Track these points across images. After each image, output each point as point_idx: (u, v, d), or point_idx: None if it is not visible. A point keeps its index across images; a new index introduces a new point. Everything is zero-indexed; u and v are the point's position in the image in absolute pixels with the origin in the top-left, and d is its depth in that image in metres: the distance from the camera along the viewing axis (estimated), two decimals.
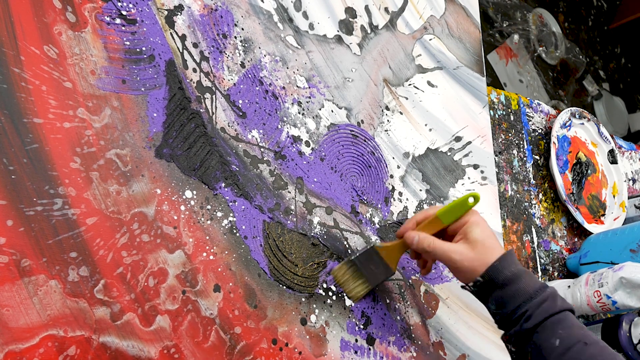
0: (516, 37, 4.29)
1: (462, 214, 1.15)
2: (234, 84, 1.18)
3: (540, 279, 1.15)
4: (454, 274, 1.15)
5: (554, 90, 4.63)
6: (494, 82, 4.06)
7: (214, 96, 1.14)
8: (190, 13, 1.15)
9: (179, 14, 1.14)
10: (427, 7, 1.66)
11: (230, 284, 1.07)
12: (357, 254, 1.18)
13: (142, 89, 1.05)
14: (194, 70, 1.13)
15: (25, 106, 0.90)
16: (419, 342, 1.34)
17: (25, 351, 0.83)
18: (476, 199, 1.12)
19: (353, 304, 1.22)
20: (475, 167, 1.62)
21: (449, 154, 1.57)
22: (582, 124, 2.07)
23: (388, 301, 1.31)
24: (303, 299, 1.17)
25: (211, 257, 1.06)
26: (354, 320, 1.23)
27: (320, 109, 1.31)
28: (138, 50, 1.06)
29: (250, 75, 1.21)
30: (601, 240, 1.79)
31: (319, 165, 1.27)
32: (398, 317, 1.31)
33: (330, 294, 1.22)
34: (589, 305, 1.54)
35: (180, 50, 1.12)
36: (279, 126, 1.23)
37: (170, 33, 1.11)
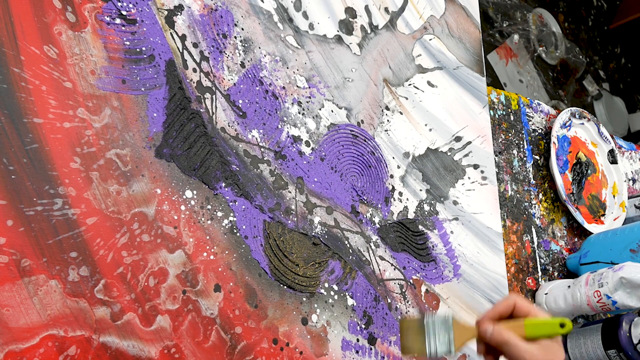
0: (516, 37, 4.29)
1: (547, 336, 1.07)
2: (234, 83, 1.18)
3: (540, 280, 1.11)
4: None
5: (554, 90, 4.62)
6: (494, 82, 4.06)
7: (214, 96, 1.14)
8: (190, 13, 1.15)
9: (179, 14, 1.14)
10: (427, 7, 1.66)
11: (231, 284, 1.07)
12: (434, 315, 1.16)
13: (142, 89, 1.05)
14: (194, 70, 1.13)
15: (25, 106, 0.90)
16: None
17: (25, 351, 0.83)
18: (567, 326, 1.10)
19: (401, 356, 1.22)
20: (476, 167, 1.62)
21: (449, 154, 1.57)
22: (582, 124, 2.07)
23: (389, 301, 1.31)
24: (304, 299, 1.17)
25: (212, 257, 1.06)
26: (355, 320, 1.23)
27: (320, 109, 1.31)
28: (138, 50, 1.06)
29: (250, 75, 1.21)
30: (601, 240, 1.79)
31: (319, 165, 1.27)
32: (399, 317, 1.31)
33: (332, 293, 1.22)
34: (589, 305, 1.54)
35: (180, 50, 1.12)
36: (279, 126, 1.23)
37: (170, 33, 1.11)
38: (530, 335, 1.05)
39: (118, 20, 1.05)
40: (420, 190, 1.46)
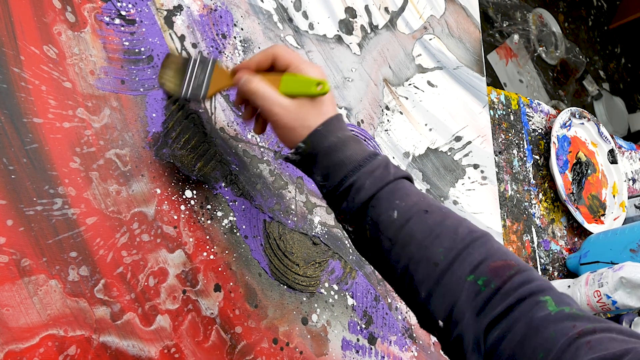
0: (516, 37, 4.29)
1: (304, 95, 0.96)
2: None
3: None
4: (278, 138, 0.99)
5: (554, 90, 4.63)
6: (494, 82, 4.06)
7: (213, 96, 1.14)
8: (190, 13, 1.15)
9: (178, 14, 1.14)
10: (427, 7, 1.66)
11: (231, 284, 1.07)
12: (199, 55, 1.08)
13: (141, 89, 1.05)
14: None
15: (25, 106, 0.90)
16: (420, 342, 1.34)
17: (25, 351, 0.83)
18: (324, 88, 0.99)
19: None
20: (475, 166, 1.62)
21: (449, 153, 1.57)
22: (582, 123, 2.08)
23: (389, 301, 1.31)
24: (304, 299, 1.17)
25: (211, 257, 1.06)
26: (355, 319, 1.23)
27: None
28: (137, 50, 1.06)
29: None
30: (601, 240, 1.79)
31: None
32: (399, 317, 1.31)
33: (332, 293, 1.22)
34: (589, 305, 1.54)
35: (179, 51, 1.12)
36: None
37: (170, 33, 1.11)
38: (285, 90, 0.96)
39: (117, 21, 1.05)
40: (420, 190, 1.46)
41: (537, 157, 1.91)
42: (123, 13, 1.06)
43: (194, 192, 1.07)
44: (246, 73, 0.98)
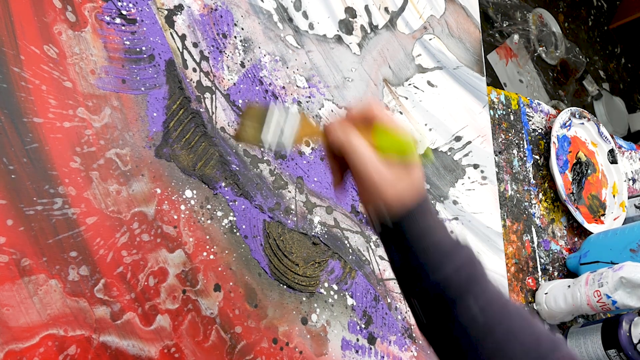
0: (516, 37, 4.29)
1: (398, 152, 0.87)
2: (234, 83, 1.18)
3: (540, 279, 0.98)
4: (359, 196, 0.92)
5: (554, 90, 4.63)
6: (494, 82, 4.06)
7: (213, 96, 1.14)
8: (190, 13, 1.15)
9: (179, 13, 1.14)
10: (427, 7, 1.66)
11: (231, 284, 1.07)
12: (282, 105, 1.02)
13: (142, 89, 1.05)
14: (194, 69, 1.13)
15: (25, 105, 0.90)
16: (420, 342, 1.34)
17: (25, 350, 0.83)
18: (428, 156, 0.89)
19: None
20: (475, 166, 1.62)
21: (449, 153, 1.57)
22: (582, 123, 2.07)
23: (389, 300, 1.31)
24: (304, 299, 1.17)
25: (211, 257, 1.06)
26: (355, 319, 1.23)
27: (320, 109, 1.31)
28: (138, 49, 1.06)
29: (250, 75, 1.21)
30: (601, 240, 1.79)
31: (319, 164, 1.27)
32: (399, 317, 1.31)
33: (331, 293, 1.22)
34: (589, 305, 1.54)
35: (180, 50, 1.12)
36: None
37: (170, 33, 1.11)
38: (377, 145, 0.86)
39: (118, 20, 1.05)
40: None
41: (537, 157, 1.91)
42: (124, 12, 1.06)
43: (194, 191, 1.07)
44: (338, 123, 0.88)
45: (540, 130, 1.97)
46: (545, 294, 1.65)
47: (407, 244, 0.85)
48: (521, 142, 1.88)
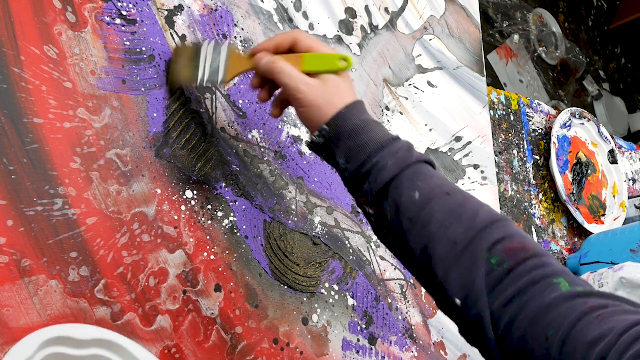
0: (516, 37, 4.29)
1: (327, 72, 0.98)
2: (234, 84, 1.18)
3: None
4: (300, 117, 0.99)
5: (554, 90, 4.63)
6: (494, 82, 4.06)
7: (214, 96, 1.14)
8: (190, 13, 1.15)
9: (179, 14, 1.14)
10: (427, 7, 1.66)
11: (231, 284, 1.07)
12: (211, 42, 1.07)
13: (142, 89, 1.05)
14: None
15: (25, 106, 0.90)
16: (421, 342, 1.34)
17: None
18: (348, 63, 1.00)
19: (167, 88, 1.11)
20: (475, 167, 1.62)
21: (449, 154, 1.56)
22: (582, 124, 2.08)
23: (390, 301, 1.31)
24: (304, 299, 1.17)
25: (212, 257, 1.06)
26: (355, 319, 1.23)
27: None
28: (138, 50, 1.06)
29: (250, 75, 1.21)
30: (601, 240, 1.79)
31: (319, 165, 1.27)
32: (399, 317, 1.31)
33: (332, 293, 1.21)
34: None
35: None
36: (279, 126, 1.23)
37: (170, 33, 1.11)
38: (307, 68, 0.98)
39: (118, 20, 1.05)
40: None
41: (537, 157, 1.91)
42: (124, 13, 1.06)
43: (195, 192, 1.07)
44: (266, 54, 0.99)
45: (540, 131, 1.97)
46: None
47: (345, 145, 0.93)
48: (521, 142, 1.88)
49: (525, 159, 1.87)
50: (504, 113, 1.86)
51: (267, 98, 1.06)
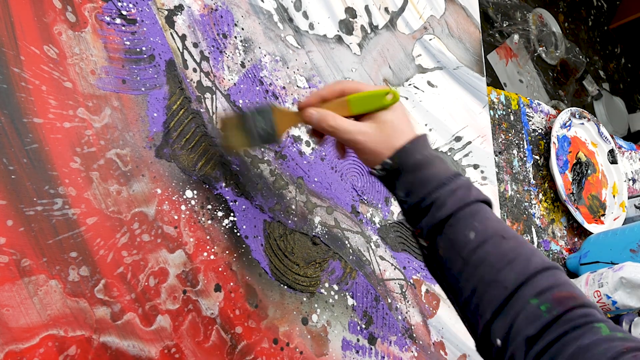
0: (516, 37, 4.29)
1: (376, 110, 0.98)
2: (234, 83, 1.18)
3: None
4: (361, 160, 1.00)
5: (554, 90, 4.63)
6: (494, 82, 4.06)
7: (214, 96, 1.14)
8: (191, 13, 1.15)
9: (179, 13, 1.13)
10: (427, 7, 1.66)
11: (231, 284, 1.07)
12: (253, 109, 1.09)
13: (143, 89, 1.05)
14: (194, 70, 1.13)
15: (25, 106, 0.90)
16: (420, 342, 1.33)
17: (25, 351, 0.83)
18: (395, 97, 1.00)
19: (228, 157, 1.14)
20: (476, 167, 1.62)
21: (449, 153, 1.56)
22: (582, 124, 2.08)
23: (389, 301, 1.31)
24: (304, 299, 1.17)
25: (212, 257, 1.06)
26: (355, 319, 1.23)
27: None
28: (138, 50, 1.06)
29: (250, 75, 1.21)
30: (601, 240, 1.79)
31: (319, 165, 1.27)
32: (399, 317, 1.31)
33: (332, 293, 1.21)
34: None
35: (181, 50, 1.12)
36: None
37: (171, 33, 1.11)
38: (356, 111, 0.98)
39: (118, 20, 1.05)
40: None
41: (537, 157, 1.91)
42: (124, 13, 1.06)
43: (195, 192, 1.07)
44: (311, 109, 1.00)
45: (540, 131, 1.97)
46: None
47: (406, 180, 0.95)
48: (521, 142, 1.88)
49: (525, 159, 1.87)
50: (504, 113, 1.86)
51: (321, 142, 1.10)
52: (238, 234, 1.11)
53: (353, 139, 0.96)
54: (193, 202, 1.06)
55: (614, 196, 2.10)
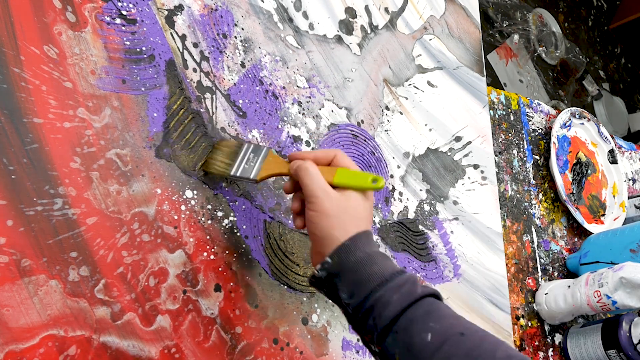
0: (516, 37, 4.29)
1: (356, 188, 0.97)
2: (234, 83, 1.18)
3: (540, 280, 0.96)
4: (309, 230, 0.96)
5: (554, 90, 4.63)
6: (494, 82, 4.06)
7: (214, 96, 1.14)
8: (190, 13, 1.15)
9: (179, 13, 1.14)
10: (427, 7, 1.66)
11: (231, 284, 1.07)
12: (252, 143, 1.08)
13: (143, 89, 1.05)
14: (194, 70, 1.13)
15: (25, 106, 0.90)
16: None
17: (25, 351, 0.83)
18: (379, 185, 0.99)
19: (195, 172, 1.10)
20: (476, 167, 1.62)
21: (449, 153, 1.56)
22: (582, 124, 2.08)
23: None
24: (304, 299, 1.17)
25: (212, 257, 1.06)
26: None
27: (320, 109, 1.31)
28: (138, 50, 1.06)
29: (250, 75, 1.21)
30: (601, 240, 1.79)
31: None
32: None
33: None
34: (589, 305, 1.54)
35: (181, 50, 1.12)
36: (279, 126, 1.23)
37: (171, 33, 1.11)
38: (338, 181, 0.97)
39: (118, 20, 1.05)
40: (421, 190, 1.46)
41: (537, 157, 1.91)
42: (124, 13, 1.06)
43: (195, 192, 1.07)
44: (301, 160, 0.99)
45: (540, 131, 1.97)
46: (546, 294, 1.65)
47: (348, 279, 0.91)
48: (521, 142, 1.88)
49: (525, 159, 1.87)
50: (504, 113, 1.86)
51: (290, 191, 1.06)
52: (238, 234, 1.11)
53: (314, 189, 0.94)
54: (193, 202, 1.06)
55: (614, 196, 2.10)
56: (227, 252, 1.08)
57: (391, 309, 0.86)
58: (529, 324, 1.64)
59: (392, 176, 1.41)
